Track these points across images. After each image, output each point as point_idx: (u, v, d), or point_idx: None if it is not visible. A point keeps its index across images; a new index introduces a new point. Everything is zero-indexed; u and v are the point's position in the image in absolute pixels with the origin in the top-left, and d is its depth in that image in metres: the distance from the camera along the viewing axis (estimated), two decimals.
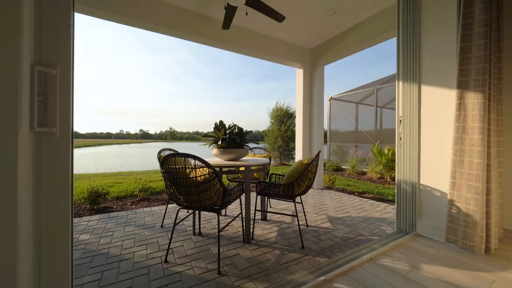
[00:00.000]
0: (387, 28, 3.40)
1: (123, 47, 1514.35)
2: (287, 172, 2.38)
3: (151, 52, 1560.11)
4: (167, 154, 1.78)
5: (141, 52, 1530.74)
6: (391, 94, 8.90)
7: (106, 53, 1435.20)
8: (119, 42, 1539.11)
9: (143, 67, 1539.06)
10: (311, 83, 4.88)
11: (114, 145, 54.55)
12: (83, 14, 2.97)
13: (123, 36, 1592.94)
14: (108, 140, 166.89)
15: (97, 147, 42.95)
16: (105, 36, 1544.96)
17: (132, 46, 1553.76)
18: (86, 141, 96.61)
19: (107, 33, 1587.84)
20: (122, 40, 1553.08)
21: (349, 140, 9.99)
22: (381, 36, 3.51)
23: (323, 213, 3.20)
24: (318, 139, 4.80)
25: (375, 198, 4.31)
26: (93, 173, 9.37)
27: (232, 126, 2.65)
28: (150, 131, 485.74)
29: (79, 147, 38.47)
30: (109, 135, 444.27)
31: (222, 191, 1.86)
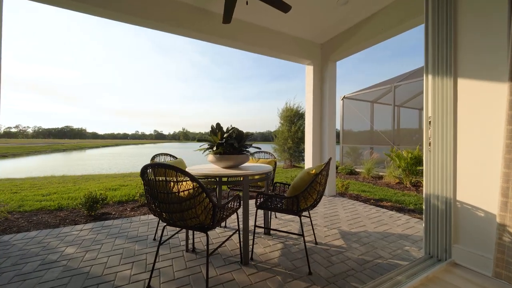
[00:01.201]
0: (411, 14, 2.93)
1: (138, 50, 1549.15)
2: (292, 183, 2.03)
3: (164, 54, 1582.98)
4: (147, 164, 1.50)
5: (155, 54, 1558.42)
6: (410, 92, 8.22)
7: (123, 56, 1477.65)
8: (134, 45, 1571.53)
9: (157, 69, 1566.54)
10: (322, 81, 4.47)
11: (130, 146, 56.35)
12: (76, 11, 2.78)
13: (138, 39, 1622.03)
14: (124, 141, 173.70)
15: (114, 147, 44.47)
16: (122, 39, 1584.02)
17: (146, 48, 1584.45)
18: (104, 142, 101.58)
19: (123, 36, 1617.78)
20: (137, 43, 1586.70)
21: (363, 141, 9.39)
22: (403, 25, 3.05)
23: (334, 227, 2.81)
24: (330, 140, 4.39)
25: (395, 207, 3.83)
26: (104, 174, 9.47)
27: (231, 129, 2.34)
28: (164, 132, 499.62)
29: (97, 148, 40.03)
30: (125, 136, 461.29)
31: (212, 208, 1.55)
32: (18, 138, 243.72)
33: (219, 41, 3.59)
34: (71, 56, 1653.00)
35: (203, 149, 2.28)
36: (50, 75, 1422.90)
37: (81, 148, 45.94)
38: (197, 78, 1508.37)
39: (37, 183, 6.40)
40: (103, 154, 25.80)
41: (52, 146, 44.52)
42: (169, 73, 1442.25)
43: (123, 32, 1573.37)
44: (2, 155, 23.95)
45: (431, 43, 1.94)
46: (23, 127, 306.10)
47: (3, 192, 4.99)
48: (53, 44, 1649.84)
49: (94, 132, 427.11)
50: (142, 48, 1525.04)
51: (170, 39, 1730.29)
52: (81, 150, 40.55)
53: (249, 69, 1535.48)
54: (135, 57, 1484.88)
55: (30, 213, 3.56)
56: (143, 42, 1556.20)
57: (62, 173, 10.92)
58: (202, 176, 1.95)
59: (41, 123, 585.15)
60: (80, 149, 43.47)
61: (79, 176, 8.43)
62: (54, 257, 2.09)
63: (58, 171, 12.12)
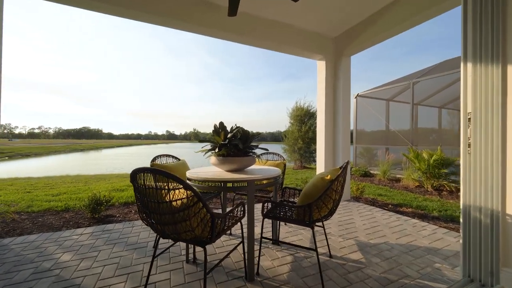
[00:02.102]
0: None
1: (152, 53, 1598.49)
2: (304, 189, 1.78)
3: (176, 57, 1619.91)
4: (137, 168, 1.30)
5: (168, 57, 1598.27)
6: (429, 89, 7.67)
7: (138, 59, 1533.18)
8: (148, 48, 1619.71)
9: (169, 71, 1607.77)
10: (335, 77, 4.15)
11: (143, 146, 57.90)
12: (77, 6, 2.67)
13: (151, 42, 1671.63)
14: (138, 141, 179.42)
15: (128, 147, 45.80)
16: (137, 42, 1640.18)
17: (159, 51, 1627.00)
18: (119, 142, 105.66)
19: (138, 39, 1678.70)
20: (151, 46, 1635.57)
21: (378, 141, 8.91)
22: (432, 9, 2.68)
23: (351, 237, 2.52)
24: (344, 141, 4.06)
25: (416, 214, 3.47)
26: (115, 174, 9.57)
27: (235, 128, 2.12)
28: (175, 132, 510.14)
29: (112, 148, 41.39)
30: (139, 136, 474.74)
31: (211, 220, 1.34)
32: (40, 138, 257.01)
33: (227, 36, 3.39)
34: (91, 59, 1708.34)
35: (205, 150, 2.08)
36: (71, 78, 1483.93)
37: (97, 148, 47.66)
38: (208, 80, 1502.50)
39: (51, 183, 6.50)
40: (117, 154, 26.53)
41: (70, 146, 46.45)
42: (181, 75, 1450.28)
43: (138, 35, 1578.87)
44: (25, 155, 25.17)
45: (471, 26, 1.62)
46: (45, 128, 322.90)
47: (17, 191, 5.05)
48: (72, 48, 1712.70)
49: (109, 133, 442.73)
50: (155, 51, 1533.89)
51: (182, 42, 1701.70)
52: (97, 150, 42.00)
53: (259, 69, 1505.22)
54: (150, 60, 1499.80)
55: (37, 213, 3.52)
56: (157, 45, 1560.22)
57: (77, 173, 11.18)
58: (202, 181, 1.74)
59: (61, 124, 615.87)
60: (97, 149, 45.07)
61: (92, 175, 8.55)
62: (48, 265, 1.96)
63: (74, 170, 12.46)
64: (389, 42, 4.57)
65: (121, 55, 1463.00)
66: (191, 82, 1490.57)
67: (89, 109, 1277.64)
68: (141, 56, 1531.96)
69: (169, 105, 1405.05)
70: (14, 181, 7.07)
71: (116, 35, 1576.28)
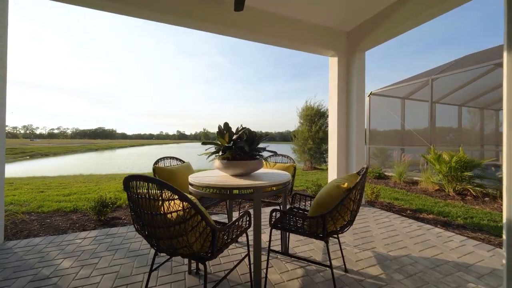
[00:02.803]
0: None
1: (164, 55, 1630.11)
2: (316, 198, 1.59)
3: (187, 58, 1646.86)
4: (130, 175, 1.16)
5: (179, 58, 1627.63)
6: (448, 86, 7.20)
7: (151, 61, 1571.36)
8: (160, 50, 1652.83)
9: (180, 72, 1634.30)
10: (349, 74, 3.90)
11: (154, 146, 59.25)
12: (78, 5, 2.60)
13: (163, 44, 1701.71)
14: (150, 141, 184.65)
15: (140, 147, 47.00)
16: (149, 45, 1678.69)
17: (171, 53, 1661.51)
18: (132, 142, 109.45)
19: (150, 42, 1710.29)
20: (162, 48, 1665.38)
21: (392, 141, 8.50)
22: (449, 1, 2.41)
23: (367, 247, 2.29)
24: (358, 141, 3.80)
25: (439, 221, 3.17)
26: (126, 173, 9.70)
27: (241, 129, 1.95)
28: (186, 132, 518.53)
29: (125, 147, 42.63)
30: (151, 136, 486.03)
31: (212, 233, 1.18)
32: (59, 138, 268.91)
33: (233, 33, 3.23)
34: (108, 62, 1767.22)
35: (209, 153, 1.93)
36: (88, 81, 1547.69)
37: (111, 148, 49.21)
38: (218, 80, 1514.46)
39: (64, 182, 6.62)
40: (130, 153, 27.19)
41: (86, 146, 48.21)
42: (191, 76, 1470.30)
43: (150, 38, 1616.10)
44: (44, 154, 26.28)
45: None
46: (63, 129, 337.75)
47: (32, 191, 5.15)
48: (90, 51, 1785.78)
49: (123, 133, 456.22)
50: (167, 53, 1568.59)
51: (192, 43, 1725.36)
52: (112, 149, 43.31)
53: (268, 68, 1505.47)
54: (162, 61, 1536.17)
55: (47, 214, 3.52)
56: (169, 46, 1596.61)
57: (90, 172, 11.44)
58: (204, 187, 1.59)
59: (78, 125, 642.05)
60: (111, 148, 46.51)
61: (104, 175, 8.68)
62: (47, 272, 1.88)
63: (88, 169, 12.79)
64: (401, 39, 4.29)
65: (135, 57, 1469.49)
66: (201, 83, 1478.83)
67: (105, 110, 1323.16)
68: (154, 58, 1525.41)
69: (180, 106, 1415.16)
70: (32, 180, 7.27)
71: (131, 38, 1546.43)
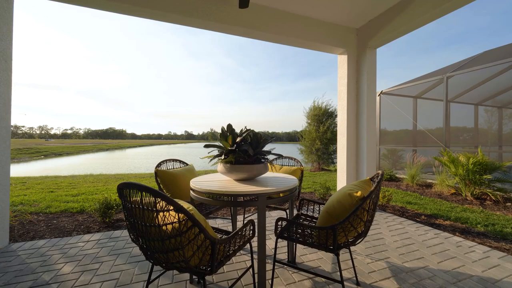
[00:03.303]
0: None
1: (173, 56, 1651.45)
2: (326, 206, 1.46)
3: (195, 59, 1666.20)
4: (124, 182, 1.08)
5: (187, 59, 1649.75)
6: (464, 84, 6.86)
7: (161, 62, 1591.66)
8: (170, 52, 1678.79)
9: (188, 72, 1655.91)
10: (359, 72, 3.72)
11: (163, 145, 60.34)
12: (78, 5, 2.56)
13: (172, 45, 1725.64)
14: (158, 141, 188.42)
15: (149, 147, 47.98)
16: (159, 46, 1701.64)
17: (179, 54, 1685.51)
18: (141, 142, 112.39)
19: (160, 43, 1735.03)
20: (170, 50, 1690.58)
21: (403, 141, 8.20)
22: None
23: (381, 257, 2.13)
24: (369, 143, 3.62)
25: (457, 228, 2.96)
26: (134, 173, 9.79)
27: (245, 131, 1.85)
28: (193, 132, 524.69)
29: (134, 147, 43.62)
30: (159, 136, 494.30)
31: (211, 246, 1.08)
32: (72, 138, 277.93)
33: (238, 31, 3.13)
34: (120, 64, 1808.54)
35: (211, 156, 1.83)
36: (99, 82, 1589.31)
37: (121, 147, 50.35)
38: (226, 80, 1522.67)
39: (74, 182, 6.72)
40: (139, 153, 27.67)
41: (97, 146, 49.52)
42: (199, 77, 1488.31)
43: (160, 40, 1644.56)
44: (58, 154, 27.11)
45: None
46: (76, 129, 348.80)
47: (43, 190, 5.23)
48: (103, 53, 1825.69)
49: (133, 133, 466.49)
50: (176, 54, 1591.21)
51: (199, 44, 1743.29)
52: (122, 149, 44.24)
53: (275, 68, 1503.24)
54: (171, 63, 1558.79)
55: (54, 215, 3.53)
56: (177, 48, 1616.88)
57: (100, 172, 11.63)
58: (205, 193, 1.50)
59: (90, 125, 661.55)
60: (121, 148, 47.56)
61: (112, 175, 8.79)
62: (47, 278, 1.84)
63: (98, 169, 13.06)
64: (413, 36, 4.05)
65: (145, 59, 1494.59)
66: (209, 83, 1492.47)
67: (115, 111, 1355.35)
68: (163, 60, 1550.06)
69: (188, 106, 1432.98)
70: (44, 179, 7.43)
71: (141, 40, 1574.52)
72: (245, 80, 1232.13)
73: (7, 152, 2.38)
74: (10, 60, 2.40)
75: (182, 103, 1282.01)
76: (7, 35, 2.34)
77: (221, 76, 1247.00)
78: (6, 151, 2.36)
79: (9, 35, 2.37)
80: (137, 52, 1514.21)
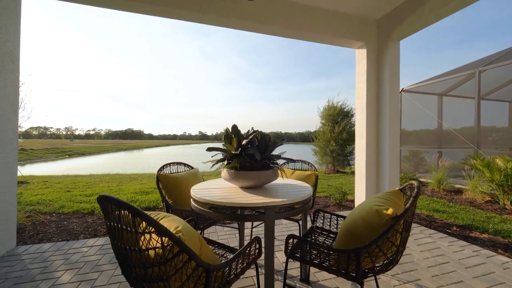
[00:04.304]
0: None
1: (186, 57, 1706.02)
2: (347, 222, 1.21)
3: (208, 60, 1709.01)
4: (104, 195, 0.91)
5: (201, 61, 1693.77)
6: (496, 80, 6.19)
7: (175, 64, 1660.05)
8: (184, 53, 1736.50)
9: (202, 73, 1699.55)
10: (380, 67, 3.38)
11: (178, 146, 61.91)
12: (65, 1, 2.48)
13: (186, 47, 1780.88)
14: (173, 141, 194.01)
15: (164, 147, 49.40)
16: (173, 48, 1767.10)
17: (193, 56, 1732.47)
18: (157, 142, 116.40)
19: (174, 46, 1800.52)
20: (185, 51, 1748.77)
21: (426, 142, 7.61)
22: None
23: (409, 279, 1.82)
24: (391, 144, 3.27)
25: (498, 244, 2.55)
26: (148, 173, 9.92)
27: (252, 133, 1.64)
28: (207, 133, 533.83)
29: (151, 147, 45.14)
30: (175, 137, 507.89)
31: (205, 274, 0.88)
32: (94, 139, 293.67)
33: (247, 26, 2.93)
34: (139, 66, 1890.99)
35: (214, 161, 1.64)
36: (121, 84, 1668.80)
37: (139, 148, 52.27)
38: (238, 81, 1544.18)
39: (90, 181, 6.88)
40: (155, 153, 28.46)
41: (116, 146, 51.78)
42: (211, 77, 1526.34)
43: (174, 41, 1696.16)
44: (81, 153, 28.55)
45: None
46: (98, 130, 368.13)
47: (60, 190, 5.36)
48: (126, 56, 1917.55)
49: (150, 134, 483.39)
50: (191, 56, 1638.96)
51: (214, 45, 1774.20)
52: (139, 149, 45.87)
53: (288, 68, 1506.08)
54: (184, 64, 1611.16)
55: (66, 215, 3.54)
56: (191, 49, 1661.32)
57: (116, 171, 11.95)
58: (206, 203, 1.31)
59: (111, 126, 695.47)
60: (138, 148, 49.35)
61: (127, 175, 8.95)
62: (45, 287, 1.74)
63: (116, 168, 13.48)
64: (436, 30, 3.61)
65: (162, 62, 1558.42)
66: (222, 84, 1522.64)
67: (134, 112, 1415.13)
68: (179, 62, 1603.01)
69: (202, 107, 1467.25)
70: (65, 178, 7.69)
71: (158, 43, 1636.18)
72: (258, 80, 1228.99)
73: (14, 154, 2.35)
74: (18, 61, 2.37)
75: (196, 104, 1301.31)
76: (14, 36, 2.31)
77: (233, 76, 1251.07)
78: (13, 153, 2.32)
79: (16, 36, 2.34)
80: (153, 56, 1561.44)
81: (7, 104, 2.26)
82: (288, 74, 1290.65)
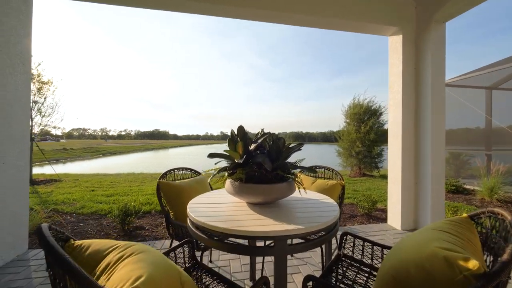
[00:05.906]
0: None
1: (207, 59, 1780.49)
2: (391, 265, 0.84)
3: (228, 60, 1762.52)
4: (37, 228, 0.68)
5: (222, 62, 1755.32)
6: None
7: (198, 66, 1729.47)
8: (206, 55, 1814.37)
9: (223, 74, 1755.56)
10: (420, 56, 2.83)
11: (200, 146, 63.85)
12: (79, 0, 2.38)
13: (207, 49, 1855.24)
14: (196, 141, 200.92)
15: (188, 147, 51.26)
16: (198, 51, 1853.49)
17: (215, 57, 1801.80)
18: (181, 142, 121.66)
19: (199, 49, 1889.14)
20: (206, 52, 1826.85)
21: (471, 142, 6.63)
22: None
23: None
24: (434, 146, 2.70)
25: None
26: None
27: (261, 135, 1.32)
28: (228, 133, 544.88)
29: (175, 147, 47.13)
30: (197, 137, 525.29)
31: None
32: (125, 139, 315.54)
33: (263, 16, 2.63)
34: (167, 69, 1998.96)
35: (217, 169, 1.35)
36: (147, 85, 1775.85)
37: (164, 147, 54.90)
38: (257, 81, 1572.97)
39: (115, 180, 7.10)
40: (179, 153, 29.53)
41: (144, 146, 54.93)
42: (233, 78, 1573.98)
43: (199, 45, 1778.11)
44: (113, 153, 30.63)
45: None
46: (128, 130, 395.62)
47: (86, 189, 5.55)
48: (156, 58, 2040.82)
49: (174, 134, 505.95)
50: (212, 57, 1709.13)
51: (233, 45, 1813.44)
52: (165, 149, 48.07)
53: (308, 65, 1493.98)
54: (206, 66, 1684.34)
55: (84, 216, 3.56)
56: (213, 51, 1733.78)
57: (141, 170, 12.39)
58: (200, 227, 1.02)
59: (140, 127, 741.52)
60: (164, 148, 51.81)
61: (150, 174, 9.16)
62: None
63: (141, 167, 14.07)
64: (482, 16, 2.95)
65: (187, 64, 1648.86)
66: (242, 84, 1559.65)
67: (160, 113, 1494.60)
68: (201, 63, 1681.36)
69: (223, 107, 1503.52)
70: (94, 176, 8.08)
71: (182, 46, 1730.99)
72: (277, 79, 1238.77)
73: (26, 157, 2.31)
74: (29, 63, 2.33)
75: (217, 104, 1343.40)
76: (24, 37, 2.27)
77: (252, 76, 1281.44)
78: (24, 156, 2.28)
79: (27, 38, 2.30)
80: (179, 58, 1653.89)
81: (18, 106, 2.22)
82: (308, 72, 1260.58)
